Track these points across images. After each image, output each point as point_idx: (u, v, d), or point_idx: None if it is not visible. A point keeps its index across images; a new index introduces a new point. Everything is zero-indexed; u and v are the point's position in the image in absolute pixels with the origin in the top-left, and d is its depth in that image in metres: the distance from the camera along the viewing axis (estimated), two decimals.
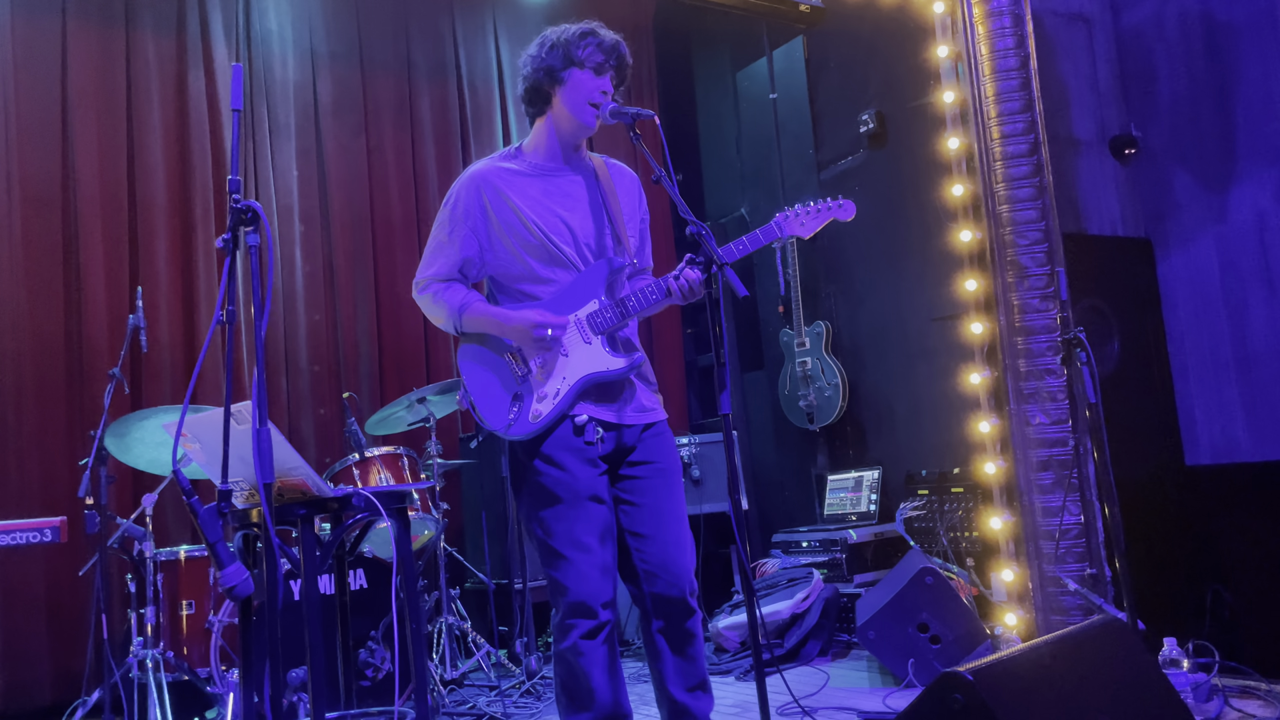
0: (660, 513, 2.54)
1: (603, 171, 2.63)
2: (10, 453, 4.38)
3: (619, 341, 2.57)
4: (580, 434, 2.48)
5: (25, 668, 4.30)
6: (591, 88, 2.50)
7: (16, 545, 3.05)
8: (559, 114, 2.54)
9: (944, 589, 3.79)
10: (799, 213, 2.66)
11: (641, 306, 2.51)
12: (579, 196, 2.57)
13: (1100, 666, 2.16)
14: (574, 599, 2.43)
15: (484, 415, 2.53)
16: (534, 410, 2.48)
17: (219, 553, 1.92)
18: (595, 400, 2.52)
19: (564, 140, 2.58)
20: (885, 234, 5.10)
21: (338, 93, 5.44)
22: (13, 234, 4.51)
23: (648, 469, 2.55)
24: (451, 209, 2.59)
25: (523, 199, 2.53)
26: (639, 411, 2.58)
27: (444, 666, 4.15)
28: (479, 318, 2.54)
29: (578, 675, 2.45)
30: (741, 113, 6.16)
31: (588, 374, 2.49)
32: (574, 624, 2.43)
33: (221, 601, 3.64)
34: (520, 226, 2.52)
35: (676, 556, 2.51)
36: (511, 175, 2.56)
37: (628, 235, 2.60)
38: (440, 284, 2.59)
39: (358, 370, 5.29)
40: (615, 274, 2.56)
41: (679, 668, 2.52)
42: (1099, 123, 5.06)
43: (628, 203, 2.65)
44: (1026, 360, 3.91)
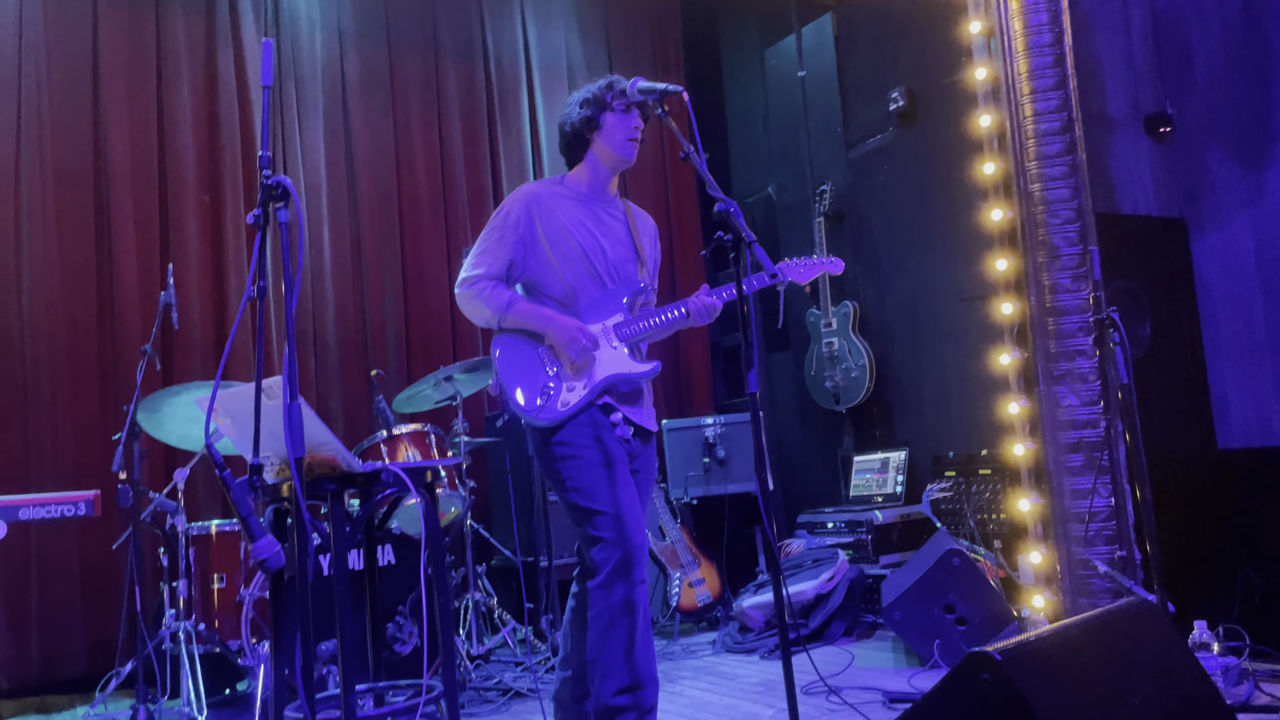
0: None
1: (630, 213, 2.94)
2: (45, 427, 4.45)
3: (638, 351, 2.84)
4: (615, 426, 2.72)
5: (60, 639, 4.38)
6: (627, 125, 2.77)
7: (52, 518, 3.09)
8: (601, 151, 2.82)
9: (971, 571, 3.78)
10: (798, 264, 3.02)
11: (652, 328, 2.77)
12: (612, 225, 2.85)
13: (1130, 648, 2.14)
14: (624, 554, 2.56)
15: (514, 400, 2.71)
16: (563, 399, 2.68)
17: (251, 526, 1.94)
18: (618, 400, 2.76)
19: (604, 174, 2.85)
20: (914, 213, 5.05)
21: (365, 72, 5.45)
22: (46, 213, 4.57)
23: (641, 478, 2.83)
24: (504, 218, 2.82)
25: (568, 217, 2.80)
26: (650, 418, 2.86)
27: (470, 642, 4.19)
28: (524, 316, 2.76)
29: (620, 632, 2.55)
30: (769, 91, 6.11)
31: (613, 374, 2.73)
32: (628, 577, 2.55)
33: (253, 575, 3.68)
34: (564, 240, 2.77)
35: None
36: (559, 197, 2.84)
37: (649, 268, 2.91)
38: (489, 282, 2.79)
39: (385, 348, 5.32)
40: (637, 294, 2.83)
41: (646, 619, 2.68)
42: (1133, 100, 4.97)
43: (648, 243, 2.95)
44: (1057, 341, 3.87)
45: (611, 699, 2.52)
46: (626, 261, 2.84)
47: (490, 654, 4.32)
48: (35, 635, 4.34)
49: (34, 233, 4.53)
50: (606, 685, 2.52)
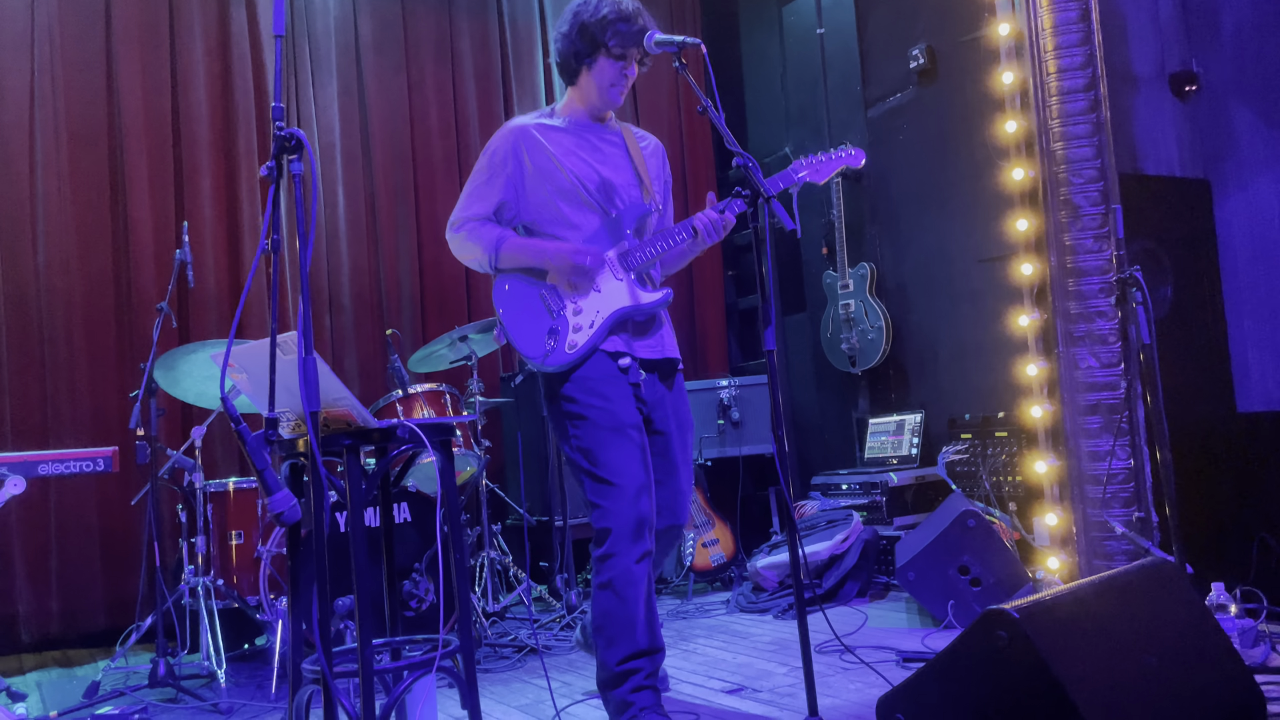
0: (677, 465, 2.77)
1: (630, 136, 2.83)
2: (63, 385, 4.48)
3: (648, 279, 2.72)
4: (625, 374, 2.63)
5: (81, 593, 4.44)
6: (615, 72, 2.68)
7: (71, 474, 3.12)
8: (586, 89, 2.73)
9: (986, 532, 3.77)
10: (809, 162, 2.85)
11: (669, 246, 2.65)
12: (609, 151, 2.75)
13: (1148, 607, 2.13)
14: (627, 524, 2.52)
15: (520, 346, 2.65)
16: (570, 341, 2.59)
17: (267, 479, 1.94)
18: (630, 335, 2.66)
19: (592, 110, 2.77)
20: (933, 173, 4.99)
21: (378, 29, 5.40)
22: (60, 171, 4.56)
23: (672, 424, 2.76)
24: (490, 157, 2.75)
25: (558, 149, 2.70)
26: (663, 346, 2.75)
27: (486, 600, 4.22)
28: (517, 250, 2.66)
29: (623, 604, 2.50)
30: (787, 48, 6.03)
31: (621, 307, 2.62)
32: (625, 549, 2.52)
33: (270, 531, 3.71)
34: (555, 172, 2.67)
35: (679, 499, 2.79)
36: (547, 129, 2.74)
37: (654, 190, 2.79)
38: (476, 222, 2.72)
39: (400, 308, 5.32)
40: (643, 219, 2.71)
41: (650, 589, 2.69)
42: (1159, 58, 4.87)
43: (653, 164, 2.83)
44: (1077, 302, 3.82)
45: (616, 667, 2.53)
46: (629, 186, 2.73)
47: (505, 611, 4.35)
48: (56, 590, 4.40)
49: (49, 191, 4.53)
50: (611, 653, 2.53)
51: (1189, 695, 2.03)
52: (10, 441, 4.29)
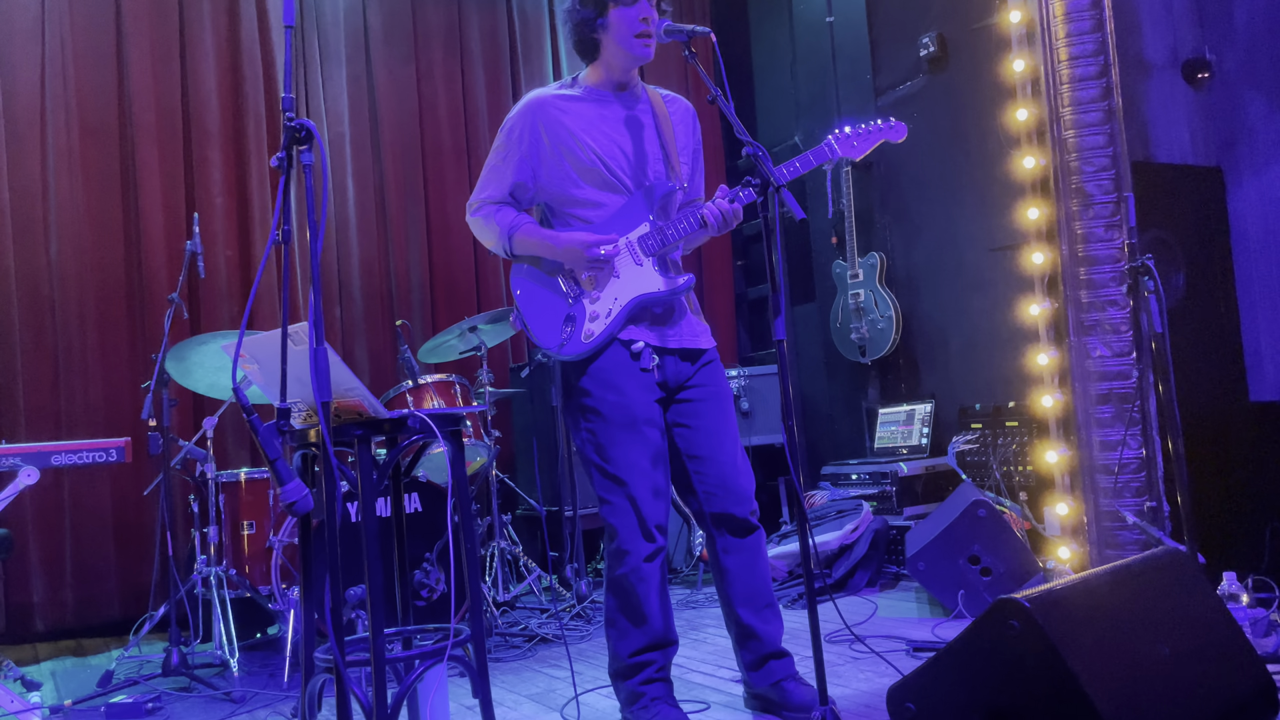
0: (716, 434, 2.58)
1: (658, 101, 2.66)
2: (76, 376, 4.50)
3: (670, 264, 2.60)
4: (637, 359, 2.53)
5: (94, 583, 4.47)
6: (632, 19, 2.50)
7: (84, 464, 3.14)
8: (611, 52, 2.56)
9: (997, 521, 3.76)
10: (850, 134, 2.70)
11: (681, 234, 2.54)
12: (633, 123, 2.60)
13: (1160, 597, 2.13)
14: (634, 522, 2.47)
15: (536, 334, 2.57)
16: (586, 330, 2.52)
17: (279, 469, 1.95)
18: (649, 324, 2.56)
19: (619, 73, 2.61)
20: (944, 162, 4.97)
21: (387, 19, 5.39)
22: (72, 163, 4.58)
23: (701, 392, 2.60)
24: (507, 134, 2.62)
25: (578, 123, 2.56)
26: (692, 336, 2.62)
27: (496, 589, 4.23)
28: (529, 240, 2.57)
29: (633, 599, 2.48)
30: (797, 37, 6.00)
31: (640, 294, 2.53)
32: (634, 548, 2.47)
33: (282, 521, 3.72)
34: (576, 149, 2.55)
35: (734, 476, 2.57)
36: (568, 101, 2.60)
37: (680, 163, 2.63)
38: (493, 206, 2.63)
39: (410, 298, 5.33)
40: (666, 197, 2.58)
41: (745, 588, 2.57)
42: (1171, 45, 4.84)
43: (681, 131, 2.68)
44: (1089, 291, 3.81)
45: (628, 659, 2.51)
46: (654, 160, 2.59)
47: (516, 601, 4.36)
48: (70, 579, 4.43)
49: (61, 183, 4.55)
50: (623, 645, 2.51)
51: (1202, 685, 2.02)
52: (24, 432, 4.32)
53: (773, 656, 2.59)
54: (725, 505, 2.55)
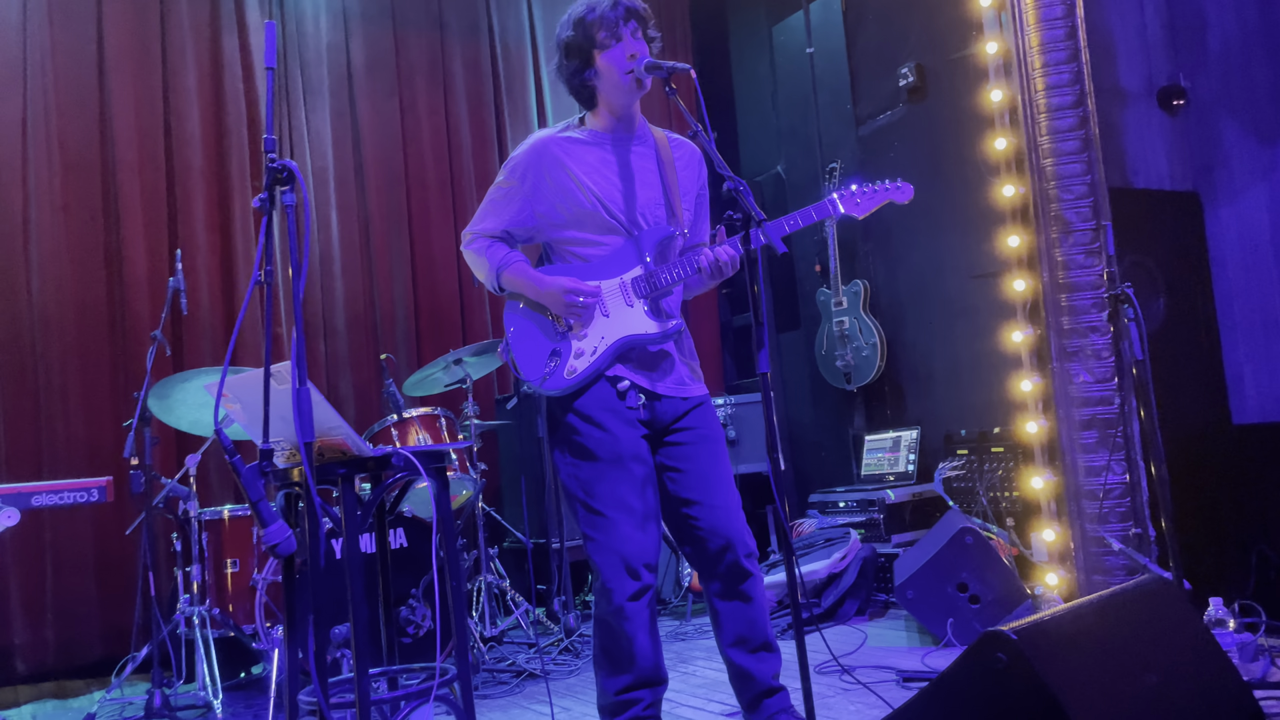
0: (706, 478, 2.55)
1: (664, 144, 2.67)
2: (57, 414, 4.46)
3: (661, 308, 2.58)
4: (623, 398, 2.51)
5: (76, 624, 4.41)
6: (621, 60, 2.51)
7: (65, 505, 3.11)
8: (608, 95, 2.58)
9: (984, 549, 3.76)
10: (855, 193, 2.69)
11: (675, 279, 2.54)
12: (636, 166, 2.60)
13: (1146, 626, 2.13)
14: (618, 560, 2.44)
15: (521, 367, 2.58)
16: (570, 366, 2.52)
17: (262, 511, 1.93)
18: (635, 367, 2.55)
19: (621, 112, 2.61)
20: (925, 190, 4.96)
21: (370, 53, 5.42)
22: (54, 200, 4.56)
23: (692, 435, 2.57)
24: (510, 172, 2.64)
25: (580, 166, 2.57)
26: (678, 385, 2.59)
27: (483, 624, 4.20)
28: (517, 278, 2.59)
29: (620, 638, 2.46)
30: (778, 68, 6.06)
31: (626, 335, 2.52)
32: (617, 586, 2.44)
33: (265, 560, 3.69)
34: (577, 191, 2.56)
35: (726, 519, 2.53)
36: (572, 143, 2.61)
37: (682, 208, 2.64)
38: (487, 240, 2.65)
39: (394, 332, 5.32)
40: (665, 241, 2.58)
41: (739, 630, 2.54)
42: (1146, 73, 4.91)
43: (685, 175, 2.68)
44: (1070, 317, 3.84)
45: (615, 696, 2.48)
46: (654, 204, 2.59)
47: (503, 635, 4.33)
48: (51, 621, 4.37)
49: (43, 220, 4.53)
50: (610, 683, 2.48)
51: (1189, 714, 2.02)
52: (4, 472, 4.28)
53: (766, 694, 2.57)
54: (719, 550, 2.52)
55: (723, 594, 2.55)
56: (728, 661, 2.57)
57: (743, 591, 2.55)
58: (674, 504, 2.56)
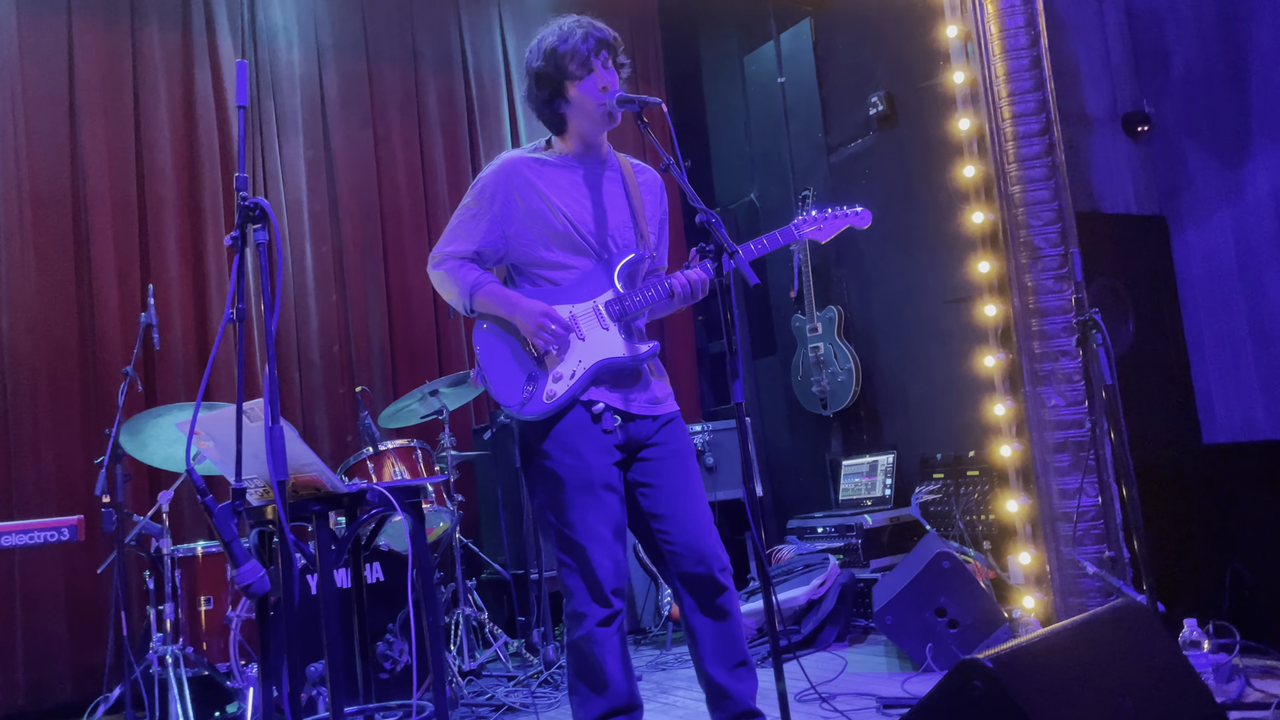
0: (677, 493, 2.56)
1: (628, 170, 2.70)
2: (27, 452, 4.41)
3: (634, 330, 2.61)
4: (597, 421, 2.51)
5: (47, 665, 4.34)
6: (593, 91, 2.54)
7: (35, 544, 3.07)
8: (578, 124, 2.60)
9: (961, 573, 3.78)
10: (816, 219, 2.73)
11: (648, 303, 2.56)
12: (605, 190, 2.62)
13: (1120, 650, 2.14)
14: (588, 587, 2.45)
15: (497, 393, 2.55)
16: (548, 390, 2.51)
17: (234, 551, 1.92)
18: (610, 387, 2.55)
19: (590, 139, 2.64)
20: (896, 217, 5.07)
21: (344, 85, 5.43)
22: (24, 234, 4.53)
23: (661, 450, 2.58)
24: (479, 193, 2.63)
25: (550, 187, 2.58)
26: (652, 403, 2.61)
27: (462, 658, 4.16)
28: (490, 300, 2.57)
29: (591, 664, 2.46)
30: (750, 97, 6.13)
31: (603, 359, 2.53)
32: (587, 612, 2.45)
33: (239, 597, 3.65)
34: (546, 213, 2.56)
35: (697, 534, 2.54)
36: (541, 165, 2.62)
37: (649, 231, 2.66)
38: (457, 261, 2.62)
39: (370, 363, 5.30)
40: (634, 264, 2.60)
41: (715, 647, 2.54)
42: (1111, 100, 5.00)
43: (650, 201, 2.71)
44: (1041, 342, 3.88)
45: None
46: (623, 227, 2.61)
47: (482, 669, 4.29)
48: (21, 663, 4.29)
49: (12, 256, 4.49)
50: (585, 711, 2.47)
51: None
52: None
53: (744, 716, 2.57)
54: (692, 565, 2.52)
55: (698, 609, 2.55)
56: (705, 680, 2.56)
57: (718, 606, 2.54)
58: (646, 519, 2.57)
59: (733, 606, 2.57)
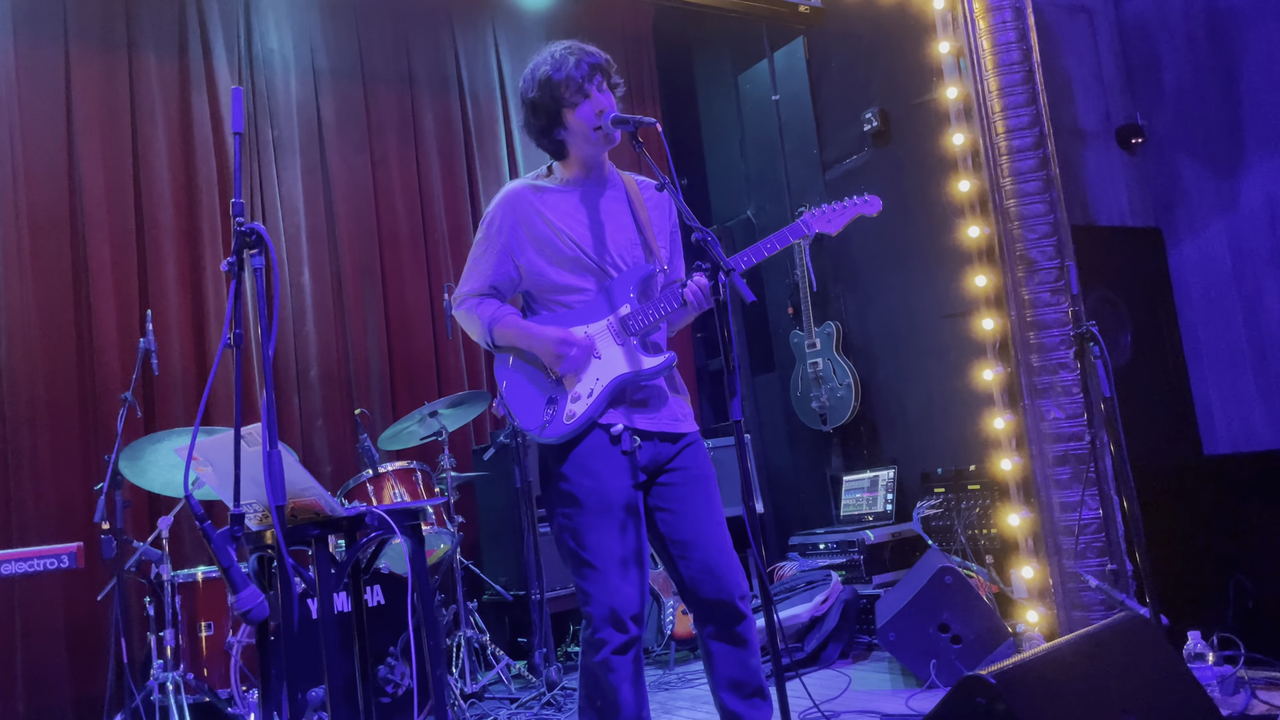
0: (698, 518, 2.55)
1: (633, 187, 2.70)
2: (26, 479, 4.40)
3: (650, 344, 2.60)
4: (616, 443, 2.50)
5: (47, 694, 4.31)
6: (589, 116, 2.54)
7: (34, 572, 3.06)
8: (578, 149, 2.61)
9: (964, 588, 3.77)
10: (825, 211, 2.71)
11: (660, 315, 2.55)
12: (610, 209, 2.63)
13: (1124, 664, 2.13)
14: (605, 612, 2.43)
15: (519, 418, 2.56)
16: (568, 411, 2.50)
17: (233, 577, 1.92)
18: (629, 405, 2.55)
19: (591, 161, 2.65)
20: (893, 232, 5.08)
21: (340, 109, 5.45)
22: (22, 261, 4.53)
23: (682, 475, 2.57)
24: (486, 227, 2.65)
25: (555, 212, 2.59)
26: (671, 420, 2.59)
27: (464, 680, 4.14)
28: (508, 331, 2.59)
29: (605, 690, 2.44)
30: (744, 115, 6.15)
31: (621, 374, 2.52)
32: (604, 638, 2.43)
33: (240, 623, 3.64)
34: (553, 238, 2.57)
35: (719, 560, 2.53)
36: (544, 191, 2.63)
37: (658, 245, 2.66)
38: (475, 299, 2.64)
39: (369, 385, 5.29)
40: (647, 280, 2.60)
41: (732, 674, 2.52)
42: (1104, 113, 5.03)
43: (657, 215, 2.71)
44: (1039, 355, 3.88)
45: None
46: (631, 245, 2.62)
47: (484, 691, 4.27)
48: (21, 692, 4.27)
49: (10, 282, 4.50)
50: None
51: None
52: None
53: None
54: (711, 591, 2.51)
55: (716, 635, 2.54)
56: (720, 706, 2.55)
57: (737, 634, 2.54)
58: (666, 545, 2.56)
59: (751, 634, 2.56)
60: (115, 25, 4.86)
